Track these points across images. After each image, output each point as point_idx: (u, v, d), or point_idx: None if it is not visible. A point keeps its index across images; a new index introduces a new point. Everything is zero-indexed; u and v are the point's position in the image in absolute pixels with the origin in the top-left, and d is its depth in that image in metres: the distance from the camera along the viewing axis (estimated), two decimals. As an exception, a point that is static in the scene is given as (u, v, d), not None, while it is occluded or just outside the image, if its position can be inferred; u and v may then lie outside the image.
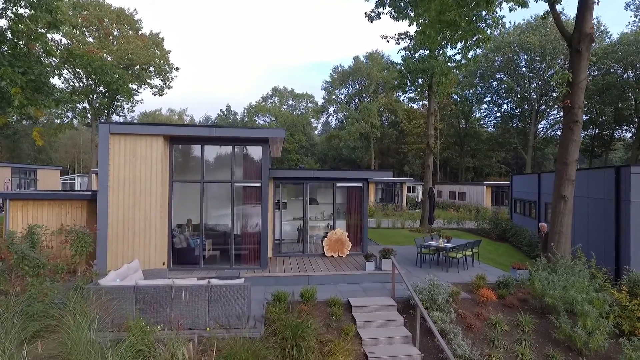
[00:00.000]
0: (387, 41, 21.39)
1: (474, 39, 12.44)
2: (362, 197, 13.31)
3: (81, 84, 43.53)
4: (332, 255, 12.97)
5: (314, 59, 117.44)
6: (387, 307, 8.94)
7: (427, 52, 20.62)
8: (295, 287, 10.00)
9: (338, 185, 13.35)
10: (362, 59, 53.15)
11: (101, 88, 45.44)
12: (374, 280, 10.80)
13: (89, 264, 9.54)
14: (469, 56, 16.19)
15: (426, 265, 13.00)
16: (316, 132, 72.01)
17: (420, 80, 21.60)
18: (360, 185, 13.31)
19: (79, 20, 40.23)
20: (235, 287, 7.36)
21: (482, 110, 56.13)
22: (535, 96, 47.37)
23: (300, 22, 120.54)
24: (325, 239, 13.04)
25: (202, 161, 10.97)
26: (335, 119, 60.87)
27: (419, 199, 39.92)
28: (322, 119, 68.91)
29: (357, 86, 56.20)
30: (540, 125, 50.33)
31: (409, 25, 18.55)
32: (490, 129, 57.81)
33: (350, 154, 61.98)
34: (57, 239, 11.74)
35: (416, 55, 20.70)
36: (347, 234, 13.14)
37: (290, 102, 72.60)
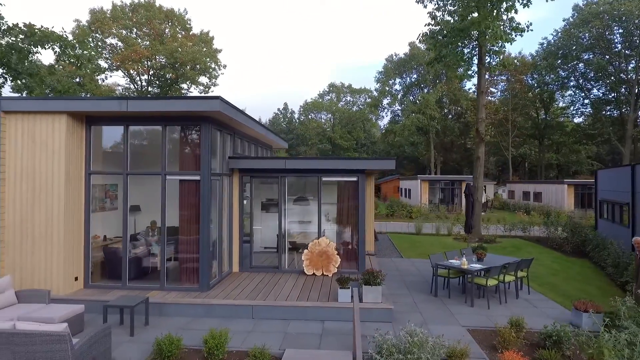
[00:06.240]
0: (424, 6, 17.32)
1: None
2: (356, 195, 9.81)
3: (135, 85, 44.54)
4: (313, 274, 9.67)
5: (381, 58, 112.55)
6: (337, 374, 5.50)
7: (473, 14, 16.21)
8: (231, 322, 7.22)
9: (324, 179, 9.99)
10: (418, 44, 47.97)
11: (156, 89, 46.00)
12: (349, 317, 7.33)
13: None
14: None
15: (444, 294, 9.15)
16: (381, 129, 67.53)
17: (466, 51, 17.17)
18: (355, 179, 9.81)
19: (133, 21, 40.88)
20: (49, 337, 4.52)
21: (566, 98, 47.83)
22: (634, 77, 38.75)
23: (364, 20, 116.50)
24: (306, 251, 9.78)
25: (126, 147, 8.37)
26: (391, 113, 56.20)
27: (483, 200, 34.39)
28: (386, 115, 64.37)
29: (414, 75, 51.11)
30: (641, 112, 41.27)
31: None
32: (577, 119, 49.22)
33: (414, 151, 56.83)
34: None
35: (455, 17, 16.32)
36: (334, 244, 9.74)
37: (348, 97, 69.29)
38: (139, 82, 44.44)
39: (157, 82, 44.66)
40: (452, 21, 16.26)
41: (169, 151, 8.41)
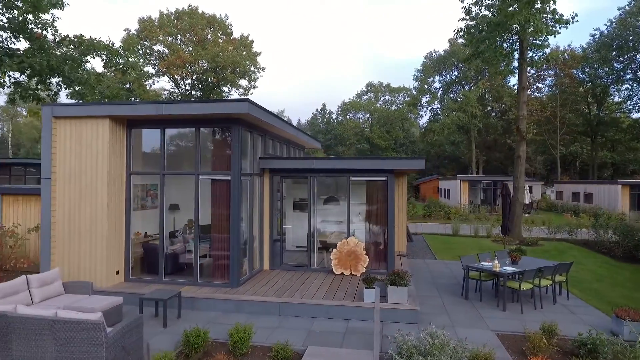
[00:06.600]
0: (461, 0, 16.84)
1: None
2: (385, 195, 9.75)
3: (179, 90, 46.38)
4: (342, 273, 9.73)
5: (420, 56, 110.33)
6: (356, 372, 5.53)
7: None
8: (259, 318, 7.45)
9: (353, 179, 10.01)
10: (458, 41, 46.61)
11: (199, 93, 47.49)
12: (373, 317, 7.32)
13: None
14: None
15: (475, 297, 8.90)
16: (421, 128, 66.15)
17: (505, 46, 16.50)
18: (384, 179, 9.76)
19: (177, 28, 42.61)
20: (84, 325, 4.90)
21: (622, 92, 44.56)
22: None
23: (405, 17, 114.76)
24: (335, 250, 9.86)
25: (163, 148, 8.84)
26: (430, 111, 54.88)
27: (528, 201, 32.81)
28: (425, 113, 62.97)
29: (455, 72, 49.67)
30: None
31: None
32: (635, 114, 45.74)
33: (455, 150, 55.26)
34: (34, 237, 10.90)
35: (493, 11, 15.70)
36: (363, 244, 9.75)
37: (387, 97, 68.47)
38: (183, 87, 46.23)
39: (200, 86, 46.21)
40: (489, 15, 15.70)
41: (202, 152, 8.79)
